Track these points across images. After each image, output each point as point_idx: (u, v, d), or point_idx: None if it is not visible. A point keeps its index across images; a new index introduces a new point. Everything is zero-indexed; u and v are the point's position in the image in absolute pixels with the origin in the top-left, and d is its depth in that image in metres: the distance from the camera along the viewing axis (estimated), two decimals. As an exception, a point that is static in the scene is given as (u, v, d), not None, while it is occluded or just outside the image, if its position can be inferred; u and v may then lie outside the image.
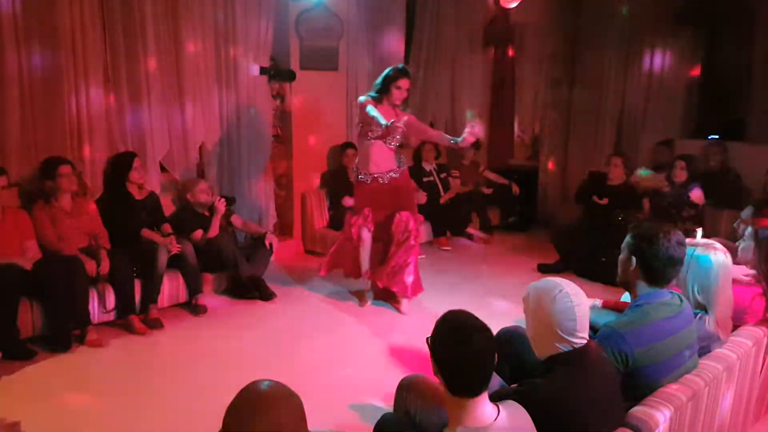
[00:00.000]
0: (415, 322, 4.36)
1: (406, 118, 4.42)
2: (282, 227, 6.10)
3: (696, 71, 6.71)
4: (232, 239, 4.97)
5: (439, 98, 7.25)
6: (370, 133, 4.41)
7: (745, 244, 2.96)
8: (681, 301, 2.28)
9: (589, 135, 7.23)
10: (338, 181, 6.00)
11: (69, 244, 4.11)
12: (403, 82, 4.34)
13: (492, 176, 7.20)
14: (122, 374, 3.63)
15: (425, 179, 6.57)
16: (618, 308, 2.75)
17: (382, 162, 4.49)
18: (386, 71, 4.40)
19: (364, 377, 3.62)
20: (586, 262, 5.40)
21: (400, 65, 4.54)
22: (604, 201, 5.59)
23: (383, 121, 4.07)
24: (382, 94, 4.37)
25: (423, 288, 4.65)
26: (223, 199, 4.82)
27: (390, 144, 4.47)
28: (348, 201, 5.66)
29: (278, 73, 5.67)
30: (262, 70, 5.51)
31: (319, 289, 5.12)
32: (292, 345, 4.06)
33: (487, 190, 7.08)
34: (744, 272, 2.84)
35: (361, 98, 4.44)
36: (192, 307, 4.56)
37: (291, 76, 5.73)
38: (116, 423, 3.10)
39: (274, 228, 5.72)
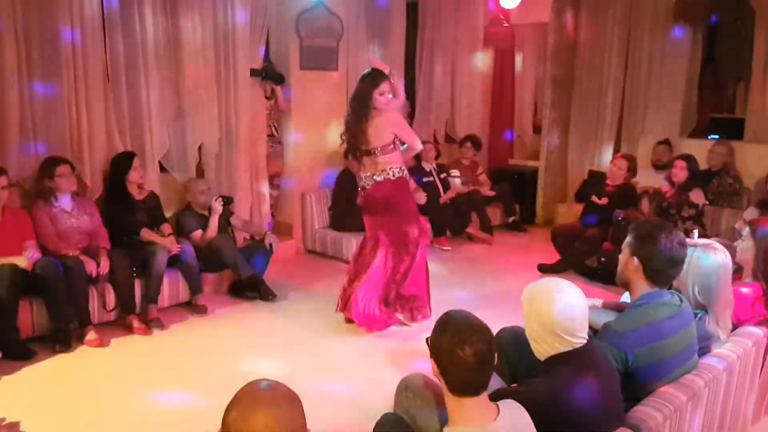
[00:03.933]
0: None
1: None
2: (277, 227, 6.10)
3: (696, 70, 6.70)
4: (231, 239, 4.97)
5: (439, 99, 7.25)
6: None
7: (744, 244, 2.96)
8: (681, 301, 2.28)
9: (589, 135, 7.23)
10: (347, 183, 5.98)
11: (69, 244, 4.11)
12: (384, 86, 4.02)
13: (483, 179, 7.18)
14: (122, 374, 3.63)
15: (425, 179, 6.56)
16: (618, 308, 2.74)
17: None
18: (360, 78, 4.09)
19: (364, 377, 3.62)
20: (586, 262, 5.40)
21: (371, 69, 4.15)
22: (604, 201, 5.58)
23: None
24: (364, 105, 4.01)
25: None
26: (219, 199, 4.82)
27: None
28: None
29: (268, 74, 5.68)
30: (253, 72, 5.52)
31: (318, 289, 5.12)
32: (291, 345, 4.06)
33: (490, 192, 7.08)
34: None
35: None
36: (192, 307, 4.56)
37: (280, 79, 5.74)
38: (116, 422, 3.10)
39: (269, 228, 5.73)
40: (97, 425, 3.07)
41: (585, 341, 1.96)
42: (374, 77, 4.05)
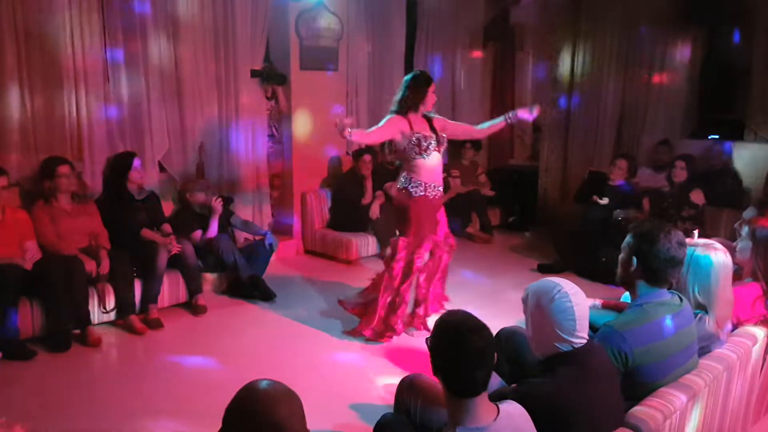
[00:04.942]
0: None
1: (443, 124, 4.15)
2: (277, 227, 6.10)
3: (696, 71, 6.70)
4: (231, 239, 4.97)
5: (439, 98, 7.24)
6: (417, 150, 3.94)
7: (743, 244, 2.96)
8: (681, 301, 2.28)
9: (589, 135, 7.23)
10: (351, 185, 6.02)
11: (69, 244, 4.11)
12: (433, 86, 4.03)
13: (483, 179, 7.18)
14: (122, 374, 3.63)
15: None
16: (618, 308, 2.75)
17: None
18: (409, 79, 4.01)
19: (364, 377, 3.62)
20: (586, 262, 5.41)
21: (420, 71, 4.18)
22: (604, 201, 5.59)
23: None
24: (417, 103, 3.97)
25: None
26: (219, 199, 4.82)
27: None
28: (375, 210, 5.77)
29: (270, 75, 5.68)
30: (254, 73, 5.52)
31: (319, 289, 5.13)
32: (291, 345, 4.06)
33: (490, 192, 7.08)
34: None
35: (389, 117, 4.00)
36: (192, 307, 4.56)
37: (281, 80, 5.75)
38: (116, 423, 3.09)
39: (269, 228, 5.73)
40: (96, 425, 3.07)
41: (585, 341, 1.96)
42: (427, 77, 4.04)
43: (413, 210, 4.01)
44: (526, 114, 4.03)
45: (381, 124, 3.98)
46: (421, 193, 4.00)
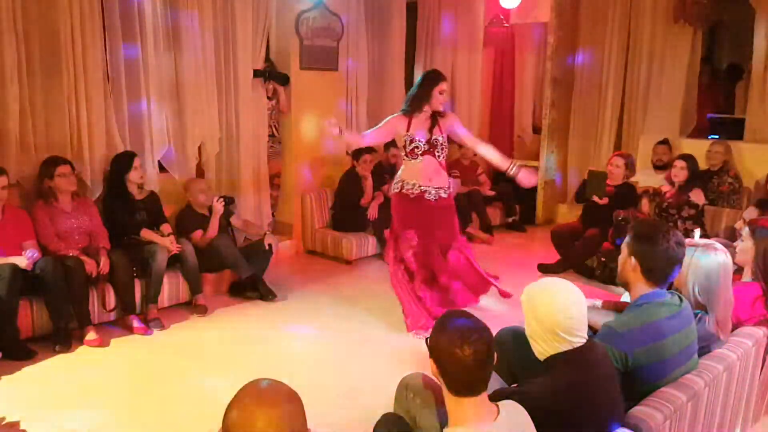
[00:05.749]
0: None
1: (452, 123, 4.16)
2: (277, 227, 6.10)
3: (696, 71, 6.71)
4: (231, 239, 4.97)
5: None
6: (416, 151, 4.04)
7: (744, 245, 2.96)
8: (681, 301, 2.28)
9: (589, 135, 7.24)
10: (351, 185, 6.02)
11: (69, 244, 4.11)
12: (444, 85, 4.04)
13: (483, 179, 7.17)
14: (122, 374, 3.63)
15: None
16: (618, 308, 2.74)
17: (435, 177, 4.14)
18: (421, 78, 4.08)
19: (364, 377, 3.62)
20: (586, 262, 5.40)
21: (433, 69, 4.23)
22: (604, 201, 5.59)
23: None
24: (422, 103, 4.03)
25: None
26: (221, 199, 4.82)
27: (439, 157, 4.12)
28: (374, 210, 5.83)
29: (272, 75, 5.68)
30: (257, 73, 5.52)
31: (318, 289, 5.13)
32: (292, 344, 4.07)
33: (490, 192, 7.08)
34: None
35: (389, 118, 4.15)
36: (192, 307, 4.57)
37: (285, 80, 5.74)
38: (116, 423, 3.10)
39: (269, 228, 5.73)
40: (96, 425, 3.07)
41: (584, 341, 1.96)
42: (435, 76, 4.07)
43: (392, 203, 4.28)
44: (526, 180, 4.13)
45: (380, 124, 4.02)
46: (397, 190, 4.18)
